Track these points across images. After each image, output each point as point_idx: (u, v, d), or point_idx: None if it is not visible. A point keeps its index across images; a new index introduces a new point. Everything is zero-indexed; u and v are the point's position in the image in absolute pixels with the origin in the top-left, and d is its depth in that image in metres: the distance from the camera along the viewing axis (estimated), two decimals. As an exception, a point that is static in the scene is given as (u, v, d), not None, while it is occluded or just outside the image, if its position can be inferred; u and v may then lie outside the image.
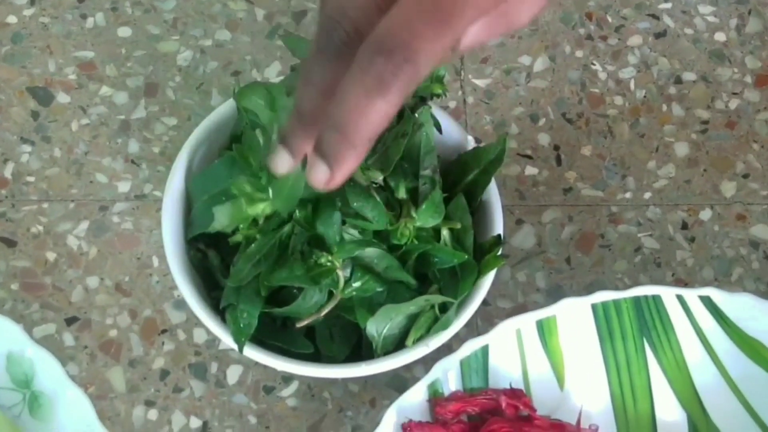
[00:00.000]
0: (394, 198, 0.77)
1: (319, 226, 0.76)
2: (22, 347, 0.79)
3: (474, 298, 0.79)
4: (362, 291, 0.77)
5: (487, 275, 0.79)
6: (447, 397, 0.79)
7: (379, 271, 0.77)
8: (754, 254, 0.91)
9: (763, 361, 0.81)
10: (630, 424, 0.82)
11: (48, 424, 0.79)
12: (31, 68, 0.95)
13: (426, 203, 0.76)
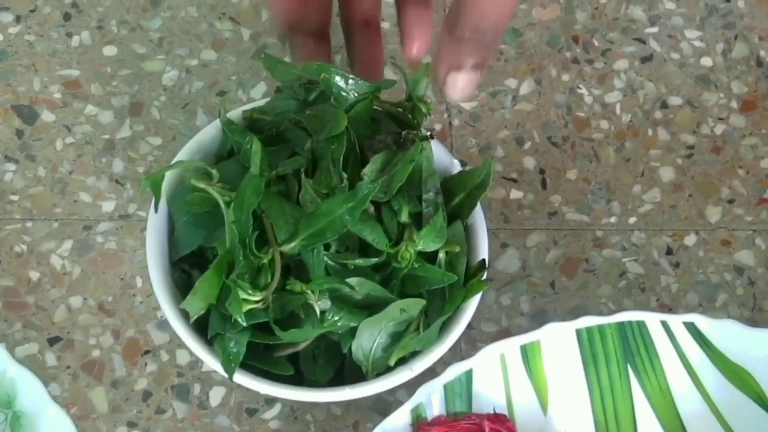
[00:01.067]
0: (395, 221, 0.77)
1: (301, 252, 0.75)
2: (4, 367, 0.79)
3: (459, 321, 0.79)
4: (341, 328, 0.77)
5: (472, 299, 0.79)
6: (430, 422, 0.79)
7: (358, 299, 0.76)
8: (739, 280, 0.91)
9: (748, 388, 0.82)
10: None
11: None
12: (16, 86, 0.94)
13: (428, 227, 0.76)
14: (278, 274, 0.75)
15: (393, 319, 0.77)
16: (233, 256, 0.74)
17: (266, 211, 0.75)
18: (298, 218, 0.75)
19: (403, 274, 0.78)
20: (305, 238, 0.74)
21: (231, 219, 0.74)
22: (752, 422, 0.81)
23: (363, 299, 0.77)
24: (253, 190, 0.74)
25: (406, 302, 0.77)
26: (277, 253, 0.75)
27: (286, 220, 0.75)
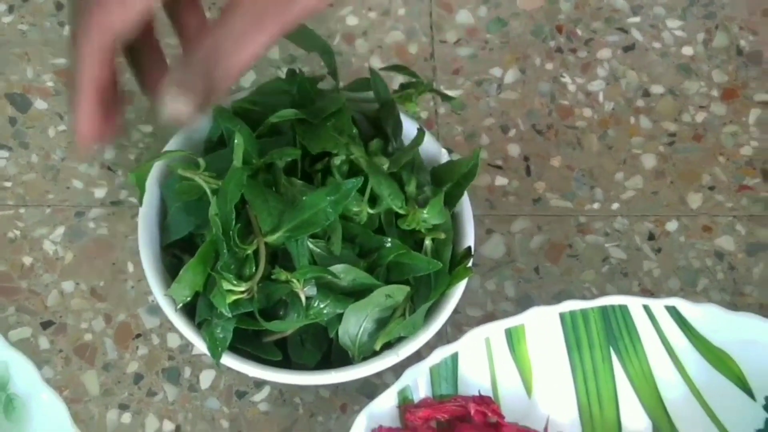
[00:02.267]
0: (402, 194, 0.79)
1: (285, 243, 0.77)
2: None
3: (444, 307, 0.80)
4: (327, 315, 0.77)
5: (457, 285, 0.80)
6: (417, 404, 0.79)
7: (344, 285, 0.77)
8: (719, 265, 0.91)
9: (728, 371, 0.82)
10: (596, 429, 0.82)
11: (22, 426, 0.79)
12: (9, 75, 0.95)
13: (432, 203, 0.79)
14: (263, 264, 0.76)
15: (379, 305, 0.78)
16: (218, 247, 0.75)
17: (250, 202, 0.77)
18: (282, 210, 0.76)
19: (389, 261, 0.79)
20: (289, 229, 0.76)
21: (214, 212, 0.75)
22: (733, 404, 0.82)
23: (349, 286, 0.78)
24: (235, 184, 0.76)
25: (392, 288, 0.77)
26: (262, 244, 0.76)
27: (270, 212, 0.76)
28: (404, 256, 0.79)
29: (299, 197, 0.77)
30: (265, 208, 0.77)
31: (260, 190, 0.77)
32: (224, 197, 0.76)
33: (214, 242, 0.76)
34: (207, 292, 0.77)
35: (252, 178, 0.77)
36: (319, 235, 0.78)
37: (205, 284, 0.77)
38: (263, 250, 0.76)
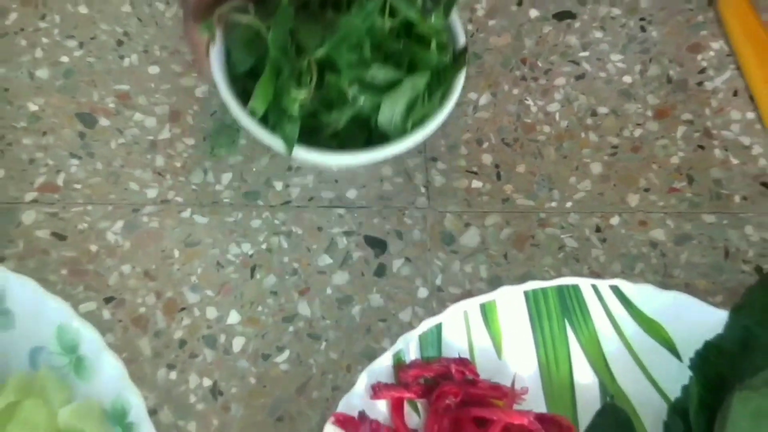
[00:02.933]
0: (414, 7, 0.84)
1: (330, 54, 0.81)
2: (70, 320, 0.79)
3: (452, 92, 0.85)
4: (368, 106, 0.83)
5: (460, 73, 0.86)
6: (408, 365, 0.79)
7: (378, 82, 0.83)
8: (653, 252, 0.91)
9: (660, 337, 0.82)
10: (553, 385, 0.81)
11: (89, 383, 0.78)
12: (79, 98, 0.94)
13: (434, 13, 0.85)
14: (315, 74, 0.81)
15: (405, 94, 0.82)
16: (279, 64, 0.81)
17: (298, 29, 0.82)
18: (323, 32, 0.81)
19: (409, 60, 0.84)
20: (331, 45, 0.81)
21: (272, 39, 0.81)
22: (664, 365, 0.81)
23: (382, 82, 0.83)
24: (285, 16, 0.81)
25: (415, 78, 0.83)
26: (312, 59, 0.81)
27: (314, 35, 0.81)
28: (420, 54, 0.84)
29: (335, 21, 0.82)
30: (310, 32, 0.81)
31: (303, 20, 0.82)
32: (278, 26, 0.81)
33: (276, 62, 0.81)
34: (276, 103, 0.81)
35: (295, 13, 0.82)
36: (354, 47, 0.82)
37: (273, 96, 0.81)
38: (314, 64, 0.81)
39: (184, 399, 0.82)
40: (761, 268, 0.90)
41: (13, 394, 0.76)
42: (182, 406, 0.82)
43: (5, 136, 0.92)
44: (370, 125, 0.84)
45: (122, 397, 0.77)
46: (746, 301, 0.82)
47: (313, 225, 0.90)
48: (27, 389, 0.77)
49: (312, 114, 0.83)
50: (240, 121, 0.83)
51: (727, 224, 0.92)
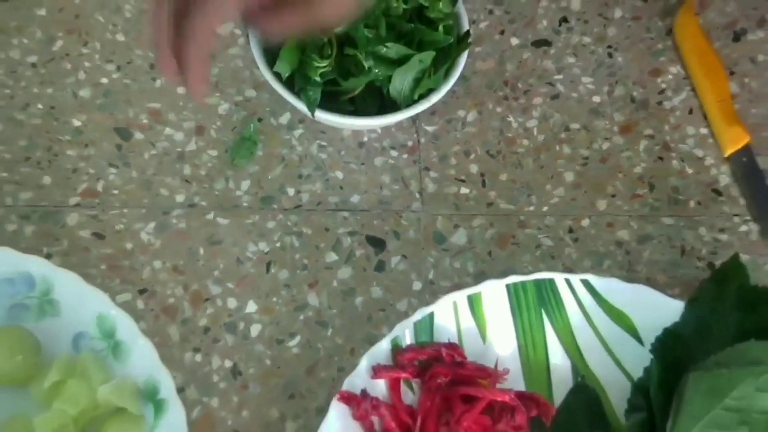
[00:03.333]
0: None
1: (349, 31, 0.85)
2: (108, 309, 0.79)
3: (455, 69, 0.89)
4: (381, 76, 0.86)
5: (463, 53, 0.89)
6: (404, 348, 0.79)
7: (391, 56, 0.85)
8: (619, 250, 0.90)
9: (626, 325, 0.82)
10: (531, 367, 0.81)
11: (125, 364, 0.79)
12: (117, 114, 0.94)
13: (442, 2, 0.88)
14: (335, 47, 0.85)
15: (414, 68, 0.86)
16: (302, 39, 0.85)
17: None
18: None
19: (418, 39, 0.87)
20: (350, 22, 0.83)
21: None
22: (628, 348, 0.82)
23: (394, 56, 0.86)
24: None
25: (423, 54, 0.86)
26: (332, 34, 0.85)
27: None
28: (428, 35, 0.87)
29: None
30: None
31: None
32: None
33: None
34: (301, 70, 0.85)
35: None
36: (371, 25, 0.85)
37: (298, 65, 0.85)
38: (334, 39, 0.85)
39: (207, 378, 0.82)
40: (713, 264, 0.90)
41: (59, 374, 0.76)
42: (206, 385, 0.82)
43: (52, 148, 0.92)
44: (383, 94, 0.87)
45: (154, 377, 0.78)
46: (700, 294, 0.82)
47: (321, 226, 0.90)
48: (71, 370, 0.77)
49: (332, 81, 0.86)
50: (272, 85, 0.87)
51: (683, 226, 0.92)
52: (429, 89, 0.88)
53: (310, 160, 0.93)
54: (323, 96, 0.86)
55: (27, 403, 0.78)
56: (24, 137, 0.92)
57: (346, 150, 0.94)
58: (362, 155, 0.93)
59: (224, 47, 0.97)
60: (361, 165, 0.93)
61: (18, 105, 0.94)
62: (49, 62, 0.96)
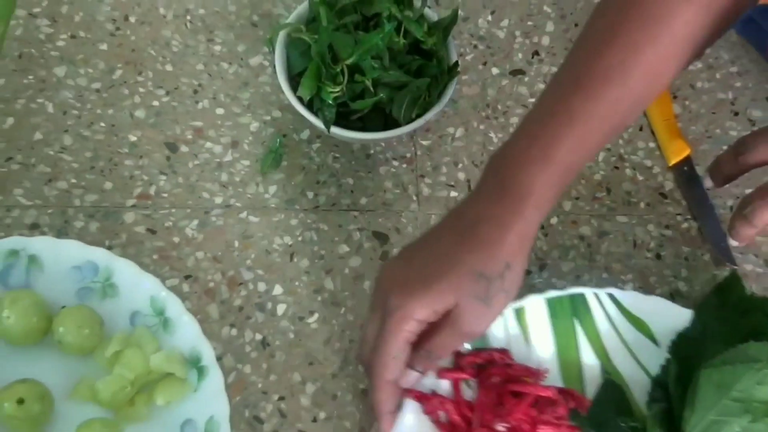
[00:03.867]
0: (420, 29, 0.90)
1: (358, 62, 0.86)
2: (159, 291, 0.80)
3: (446, 93, 0.89)
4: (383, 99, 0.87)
5: (452, 80, 0.90)
6: (464, 353, 0.80)
7: (393, 82, 0.87)
8: (582, 244, 0.91)
9: (643, 329, 0.83)
10: (566, 367, 0.82)
11: (173, 336, 0.79)
12: (166, 131, 0.94)
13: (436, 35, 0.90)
14: (346, 75, 0.86)
15: (412, 92, 0.87)
16: (319, 67, 0.85)
17: (334, 43, 0.86)
18: (353, 46, 0.85)
19: (416, 68, 0.89)
20: (358, 54, 0.85)
21: (315, 50, 0.86)
22: (645, 349, 0.82)
23: (396, 82, 0.87)
24: (325, 33, 0.86)
25: (419, 81, 0.87)
26: (344, 64, 0.85)
27: (347, 47, 0.85)
28: (424, 65, 0.89)
29: (363, 38, 0.86)
30: (343, 44, 0.86)
31: (340, 36, 0.86)
32: (320, 40, 0.86)
33: (318, 66, 0.85)
34: (318, 94, 0.86)
35: (334, 31, 0.87)
36: (376, 57, 0.86)
37: (316, 91, 0.86)
38: (345, 68, 0.85)
39: (241, 349, 0.83)
40: (660, 255, 0.90)
41: (118, 345, 0.77)
42: (240, 354, 0.83)
43: (112, 159, 0.92)
44: (386, 113, 0.88)
45: (197, 348, 0.78)
46: (706, 303, 0.84)
47: (335, 223, 0.90)
48: (128, 341, 0.78)
49: (344, 104, 0.86)
50: (295, 106, 0.88)
51: (635, 223, 0.92)
52: (424, 109, 0.88)
53: (326, 169, 0.93)
54: (337, 115, 0.86)
55: (92, 369, 0.78)
56: (89, 150, 0.93)
57: (356, 160, 0.94)
58: (369, 164, 0.94)
59: (255, 76, 0.98)
60: (368, 173, 0.93)
61: (84, 123, 0.94)
62: (110, 88, 0.96)
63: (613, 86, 0.70)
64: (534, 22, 1.03)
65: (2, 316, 0.77)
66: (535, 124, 0.72)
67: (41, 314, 0.78)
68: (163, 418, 0.77)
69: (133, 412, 0.77)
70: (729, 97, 1.00)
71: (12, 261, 0.81)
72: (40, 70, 0.97)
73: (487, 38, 1.02)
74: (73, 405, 0.77)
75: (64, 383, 0.78)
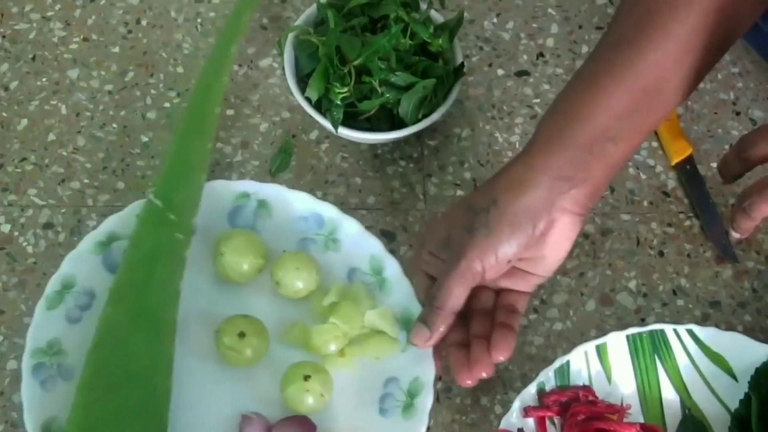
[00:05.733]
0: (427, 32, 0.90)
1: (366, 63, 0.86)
2: (381, 253, 0.85)
3: (451, 94, 0.90)
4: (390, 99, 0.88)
5: (458, 81, 0.91)
6: (548, 392, 0.80)
7: (400, 83, 0.87)
8: (586, 241, 0.92)
9: (721, 364, 0.83)
10: (648, 402, 0.82)
11: (388, 296, 0.84)
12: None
13: (443, 36, 0.90)
14: (353, 76, 0.86)
15: (419, 93, 0.87)
16: (327, 68, 0.86)
17: (342, 44, 0.86)
18: (360, 47, 0.86)
19: (422, 69, 0.88)
20: (366, 56, 0.86)
21: (322, 52, 0.86)
22: (723, 384, 0.82)
23: (403, 83, 0.87)
24: (333, 35, 0.86)
25: (426, 82, 0.87)
26: (351, 66, 0.86)
27: (354, 48, 0.86)
28: (430, 66, 0.89)
29: (370, 40, 0.86)
30: (351, 46, 0.86)
31: (347, 38, 0.87)
32: (328, 42, 0.86)
33: (326, 67, 0.86)
34: (326, 95, 0.87)
35: (342, 33, 0.87)
36: (382, 58, 0.86)
37: (324, 91, 0.87)
38: (353, 69, 0.86)
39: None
40: (662, 252, 0.91)
41: (336, 297, 0.82)
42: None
43: (125, 159, 0.93)
44: (393, 114, 0.88)
45: (410, 310, 0.82)
46: None
47: (344, 222, 0.91)
48: (345, 294, 0.82)
49: (351, 104, 0.87)
50: (304, 107, 0.89)
51: (638, 221, 0.93)
52: (431, 110, 0.89)
53: (335, 169, 0.94)
54: (345, 116, 0.87)
55: (306, 314, 0.84)
56: (102, 150, 0.94)
57: (364, 160, 0.95)
58: (377, 164, 0.95)
59: (264, 78, 0.99)
60: (375, 173, 0.94)
61: (97, 124, 0.95)
62: (122, 90, 0.98)
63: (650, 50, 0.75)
64: (539, 24, 1.04)
65: (218, 253, 0.82)
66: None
67: (257, 254, 0.83)
68: (368, 372, 0.81)
69: (342, 362, 0.81)
70: (730, 97, 1.01)
71: (242, 203, 0.86)
72: (53, 73, 0.98)
73: (492, 40, 1.03)
74: (283, 346, 0.82)
75: (277, 324, 0.83)
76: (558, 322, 0.88)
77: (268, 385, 0.81)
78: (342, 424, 0.80)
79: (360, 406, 0.81)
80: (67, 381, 0.79)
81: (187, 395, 0.80)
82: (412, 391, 0.79)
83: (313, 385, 0.78)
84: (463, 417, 0.83)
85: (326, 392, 0.79)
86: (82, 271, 0.83)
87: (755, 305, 0.89)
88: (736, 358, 0.83)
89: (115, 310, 0.79)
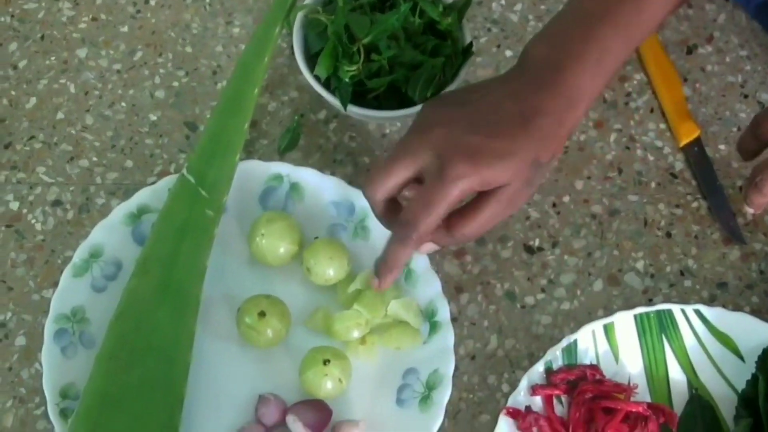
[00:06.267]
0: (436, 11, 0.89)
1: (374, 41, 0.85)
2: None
3: (460, 74, 0.89)
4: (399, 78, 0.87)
5: (467, 61, 0.89)
6: (556, 370, 0.81)
7: (409, 61, 0.86)
8: (593, 222, 0.92)
9: (728, 345, 0.83)
10: (655, 382, 0.83)
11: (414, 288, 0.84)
12: (185, 111, 0.96)
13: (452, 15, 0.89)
14: (362, 54, 0.85)
15: (427, 71, 0.86)
16: (336, 46, 0.85)
17: (351, 22, 0.85)
18: (370, 26, 0.85)
19: (431, 48, 0.88)
20: (375, 34, 0.85)
21: (331, 31, 0.86)
22: (731, 364, 0.83)
23: (411, 61, 0.86)
24: (342, 14, 0.85)
25: (434, 61, 0.87)
26: (360, 44, 0.85)
27: (363, 27, 0.85)
28: (439, 45, 0.88)
29: (379, 18, 0.86)
30: (360, 24, 0.85)
31: (356, 16, 0.86)
32: (337, 21, 0.85)
33: (334, 45, 0.85)
34: (335, 73, 0.86)
35: (351, 11, 0.86)
36: (391, 37, 0.86)
37: (333, 70, 0.86)
38: (361, 48, 0.85)
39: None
40: (670, 233, 0.91)
41: (361, 285, 0.83)
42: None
43: (133, 138, 0.94)
44: (401, 92, 0.87)
45: (434, 303, 0.83)
46: None
47: (352, 201, 0.91)
48: (370, 283, 0.81)
49: (360, 83, 0.86)
50: (312, 85, 0.88)
51: (645, 202, 0.93)
52: (439, 89, 0.88)
53: (343, 148, 0.94)
54: (353, 95, 0.87)
55: (331, 301, 0.84)
56: (111, 129, 0.94)
57: (372, 140, 0.95)
58: (384, 144, 0.95)
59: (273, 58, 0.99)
60: (383, 152, 0.94)
61: (106, 103, 0.96)
62: (130, 69, 0.98)
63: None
64: (547, 6, 1.04)
65: (258, 234, 0.82)
66: (585, 23, 0.76)
67: (294, 240, 0.84)
68: (388, 361, 0.82)
69: (363, 350, 0.81)
70: (738, 80, 1.00)
71: (274, 184, 0.87)
72: (62, 52, 0.98)
73: (500, 22, 1.03)
74: (306, 331, 0.83)
75: (301, 309, 0.83)
76: (566, 301, 0.88)
77: (288, 367, 0.81)
78: (358, 411, 0.81)
79: (377, 394, 0.81)
80: (87, 349, 0.80)
81: (206, 372, 0.80)
82: (431, 383, 0.79)
83: (332, 370, 0.78)
84: (470, 395, 0.83)
85: (345, 378, 0.79)
86: (110, 241, 0.84)
87: (762, 287, 0.89)
88: (743, 339, 0.83)
89: (141, 283, 0.79)
